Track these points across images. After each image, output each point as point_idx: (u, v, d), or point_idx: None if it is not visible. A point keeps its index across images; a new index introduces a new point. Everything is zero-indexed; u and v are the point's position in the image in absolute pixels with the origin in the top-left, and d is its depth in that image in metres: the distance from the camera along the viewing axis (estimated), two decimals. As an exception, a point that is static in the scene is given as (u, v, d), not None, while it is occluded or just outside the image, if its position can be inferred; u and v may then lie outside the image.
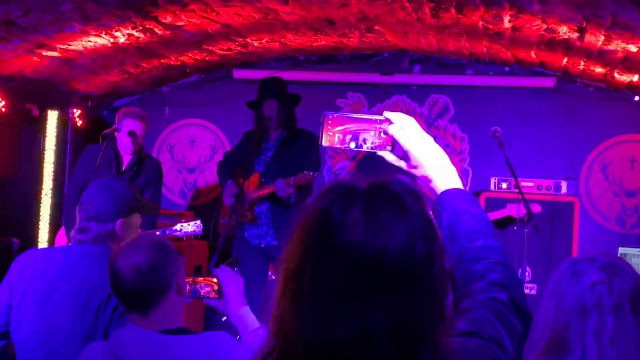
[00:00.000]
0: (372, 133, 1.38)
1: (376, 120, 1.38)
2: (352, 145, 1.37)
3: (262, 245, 4.97)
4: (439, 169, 1.38)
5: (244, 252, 4.92)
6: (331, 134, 1.37)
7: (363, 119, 1.39)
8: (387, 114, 1.38)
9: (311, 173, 4.58)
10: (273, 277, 5.29)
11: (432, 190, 1.40)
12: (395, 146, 1.38)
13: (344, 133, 1.37)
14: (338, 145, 1.38)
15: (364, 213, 1.03)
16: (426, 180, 1.39)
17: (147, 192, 5.08)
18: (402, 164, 1.41)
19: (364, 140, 1.37)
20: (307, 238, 1.05)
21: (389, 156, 1.38)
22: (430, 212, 1.10)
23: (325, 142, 1.38)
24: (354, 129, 1.37)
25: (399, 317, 1.00)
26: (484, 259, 1.27)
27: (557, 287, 1.79)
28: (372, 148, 1.38)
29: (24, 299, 2.64)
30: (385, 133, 1.38)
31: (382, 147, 1.38)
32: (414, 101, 6.77)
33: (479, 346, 1.13)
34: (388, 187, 1.09)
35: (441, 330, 1.04)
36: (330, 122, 1.38)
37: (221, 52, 6.24)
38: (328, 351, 1.00)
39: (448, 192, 1.36)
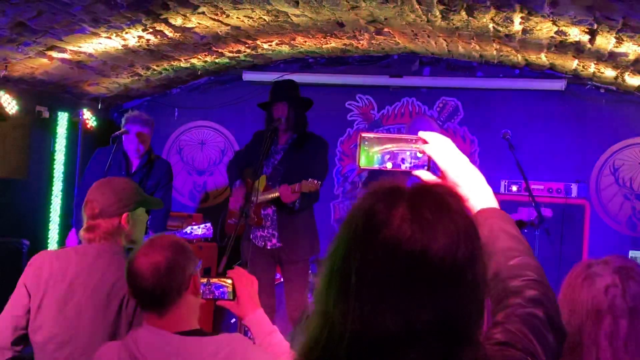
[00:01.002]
0: (408, 153, 1.39)
1: (412, 140, 1.40)
2: (389, 165, 1.39)
3: (268, 247, 4.98)
4: (474, 188, 1.40)
5: (251, 253, 4.93)
6: (370, 155, 1.39)
7: (399, 138, 1.41)
8: (423, 134, 1.41)
9: (316, 181, 4.58)
10: (281, 280, 5.29)
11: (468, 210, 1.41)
12: (431, 165, 1.40)
13: (382, 154, 1.39)
14: (376, 167, 1.39)
15: (409, 211, 1.06)
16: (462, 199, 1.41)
17: (158, 194, 5.10)
18: None
19: (402, 160, 1.39)
20: (353, 235, 1.08)
21: (426, 175, 1.40)
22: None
23: (362, 163, 1.40)
24: (391, 149, 1.39)
25: (442, 313, 1.03)
26: (521, 277, 1.29)
27: (571, 290, 1.78)
28: (409, 168, 1.40)
29: (43, 301, 2.65)
30: (422, 152, 1.39)
31: (419, 166, 1.40)
32: (424, 103, 6.76)
33: (514, 357, 1.16)
34: (431, 187, 1.13)
35: (480, 331, 1.08)
36: (366, 142, 1.39)
37: (231, 54, 6.25)
38: (373, 345, 1.03)
39: (484, 211, 1.38)
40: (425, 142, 1.40)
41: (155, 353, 2.12)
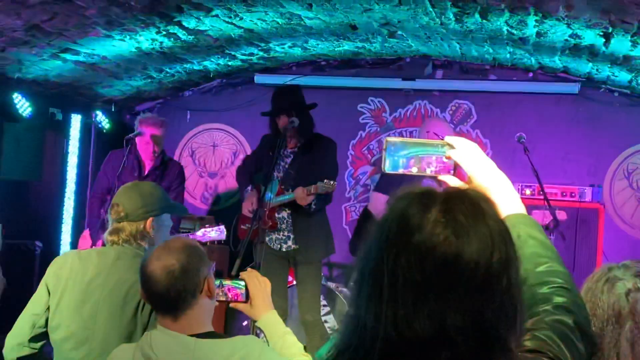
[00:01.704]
0: (434, 158, 1.38)
1: (438, 144, 1.39)
2: (415, 170, 1.38)
3: (283, 250, 4.99)
4: (502, 194, 1.38)
5: (265, 256, 4.92)
6: (395, 158, 1.38)
7: (424, 143, 1.40)
8: (449, 139, 1.40)
9: (331, 182, 4.59)
10: (293, 282, 5.29)
11: None
12: (457, 170, 1.39)
13: (407, 158, 1.38)
14: (401, 171, 1.38)
15: (443, 215, 1.05)
16: None
17: (170, 196, 5.09)
18: None
19: (428, 165, 1.38)
20: (386, 238, 1.08)
21: (451, 180, 1.39)
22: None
23: (387, 167, 1.38)
24: (416, 153, 1.38)
25: (475, 319, 1.02)
26: (549, 283, 1.29)
27: (591, 294, 1.76)
28: (434, 172, 1.39)
29: (62, 300, 2.67)
30: (448, 157, 1.39)
31: (444, 171, 1.39)
32: (436, 106, 6.75)
33: None
34: (464, 192, 1.12)
35: (514, 337, 1.06)
36: (392, 146, 1.38)
37: (243, 57, 6.25)
38: (405, 349, 1.03)
39: (512, 217, 1.37)
40: (451, 146, 1.39)
41: (170, 355, 2.12)
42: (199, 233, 5.01)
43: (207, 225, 5.04)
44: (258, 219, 4.56)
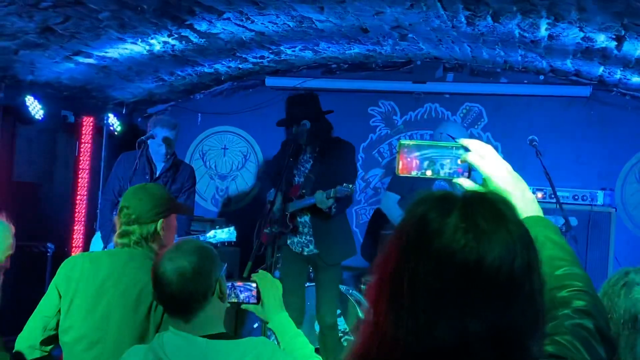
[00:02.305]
0: (448, 160, 1.38)
1: (452, 147, 1.38)
2: (429, 172, 1.37)
3: (305, 254, 5.04)
4: (519, 196, 1.37)
5: (286, 256, 5.04)
6: (408, 160, 1.37)
7: (438, 146, 1.39)
8: (464, 141, 1.39)
9: (350, 186, 4.62)
10: (311, 284, 5.31)
11: None
12: (471, 173, 1.38)
13: (421, 160, 1.37)
14: (414, 173, 1.37)
15: (463, 219, 1.03)
16: None
17: (181, 198, 5.12)
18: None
19: (441, 166, 1.37)
20: (405, 244, 1.05)
21: (466, 183, 1.38)
22: None
23: (401, 169, 1.38)
24: (431, 156, 1.37)
25: (497, 325, 1.00)
26: (568, 287, 1.27)
27: (607, 298, 1.76)
28: (449, 175, 1.38)
29: (73, 302, 2.68)
30: (462, 160, 1.38)
31: (459, 174, 1.38)
32: (447, 109, 6.74)
33: None
34: (484, 195, 1.10)
35: (536, 343, 1.04)
36: (406, 149, 1.38)
37: (254, 59, 6.26)
38: (425, 357, 1.01)
39: (529, 220, 1.35)
40: (466, 149, 1.38)
41: (182, 356, 2.12)
42: (209, 234, 5.02)
43: (217, 227, 5.06)
44: (279, 223, 4.67)
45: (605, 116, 6.31)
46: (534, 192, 5.88)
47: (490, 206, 1.07)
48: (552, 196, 4.81)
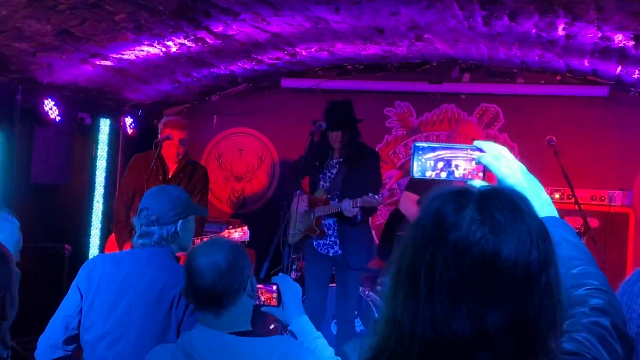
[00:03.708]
0: (463, 162, 1.38)
1: (466, 148, 1.39)
2: (444, 174, 1.37)
3: (330, 255, 5.11)
4: (534, 197, 1.35)
5: (311, 256, 5.16)
6: (422, 161, 1.38)
7: (453, 147, 1.40)
8: (478, 143, 1.39)
9: (376, 197, 4.67)
10: (333, 285, 5.34)
11: None
12: (486, 174, 1.38)
13: (436, 162, 1.37)
14: (429, 175, 1.38)
15: (479, 213, 1.04)
16: None
17: (194, 199, 5.12)
18: None
19: (456, 167, 1.37)
20: (422, 237, 1.06)
21: (481, 184, 1.37)
22: None
23: (416, 171, 1.38)
24: (445, 158, 1.38)
25: (515, 317, 1.01)
26: (585, 285, 1.27)
27: (627, 297, 1.73)
28: (463, 176, 1.38)
29: (95, 301, 2.71)
30: (477, 162, 1.38)
31: (474, 175, 1.38)
32: (463, 110, 6.71)
33: None
34: (500, 190, 1.10)
35: (554, 336, 1.05)
36: (420, 151, 1.38)
37: (270, 61, 6.27)
38: (444, 349, 1.01)
39: (545, 220, 1.34)
40: (482, 151, 1.38)
41: (211, 353, 2.13)
42: (223, 234, 5.03)
43: (230, 227, 5.08)
44: (306, 226, 4.90)
45: (623, 116, 6.25)
46: (551, 193, 5.87)
47: (506, 200, 1.07)
48: (571, 197, 4.78)
